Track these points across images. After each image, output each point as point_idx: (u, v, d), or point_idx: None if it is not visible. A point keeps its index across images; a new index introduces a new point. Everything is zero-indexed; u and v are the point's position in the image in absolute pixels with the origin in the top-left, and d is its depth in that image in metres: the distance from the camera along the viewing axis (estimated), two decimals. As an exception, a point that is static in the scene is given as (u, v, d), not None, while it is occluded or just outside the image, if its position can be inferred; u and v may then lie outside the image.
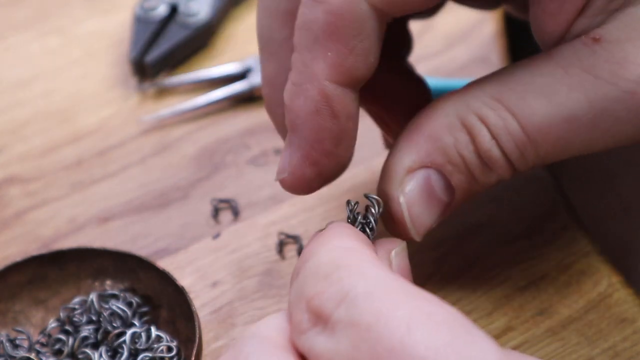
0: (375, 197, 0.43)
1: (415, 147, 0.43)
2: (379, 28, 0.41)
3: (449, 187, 0.43)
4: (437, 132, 0.43)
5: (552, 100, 0.41)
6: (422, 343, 0.33)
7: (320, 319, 0.36)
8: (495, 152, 0.42)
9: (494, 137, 0.42)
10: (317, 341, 0.36)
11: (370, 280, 0.36)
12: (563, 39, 0.42)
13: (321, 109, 0.42)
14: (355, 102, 0.42)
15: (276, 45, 0.45)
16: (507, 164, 0.42)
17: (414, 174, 0.44)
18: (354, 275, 0.36)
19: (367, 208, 0.43)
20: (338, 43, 0.41)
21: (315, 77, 0.41)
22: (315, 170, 0.43)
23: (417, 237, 0.45)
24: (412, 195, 0.44)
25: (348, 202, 0.43)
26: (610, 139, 0.41)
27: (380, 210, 0.43)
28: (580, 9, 0.41)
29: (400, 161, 0.44)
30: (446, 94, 0.43)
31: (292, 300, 0.38)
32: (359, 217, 0.43)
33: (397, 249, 0.42)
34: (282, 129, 0.45)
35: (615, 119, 0.40)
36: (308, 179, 0.44)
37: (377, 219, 0.43)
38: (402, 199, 0.44)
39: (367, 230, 0.43)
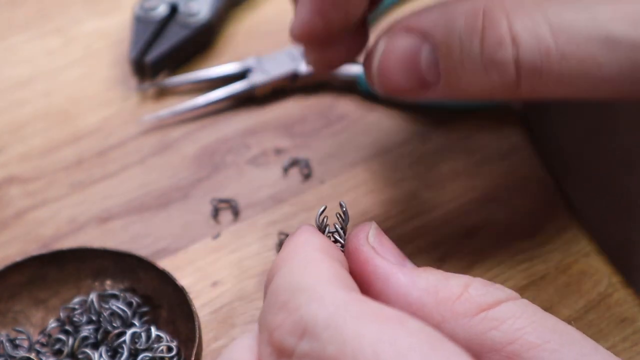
0: (344, 206, 0.42)
1: (426, 13, 0.42)
2: None
3: (435, 67, 0.42)
4: (453, 10, 0.41)
5: (596, 16, 0.38)
6: None
7: (284, 353, 0.35)
8: (507, 51, 0.39)
9: (513, 35, 0.39)
10: None
11: (329, 307, 0.35)
12: None
13: None
14: None
15: None
16: (514, 69, 0.39)
17: (409, 33, 0.42)
18: (312, 301, 0.35)
19: (337, 215, 0.42)
20: None
21: None
22: (323, 22, 0.43)
23: (381, 91, 0.44)
24: (394, 48, 0.43)
25: (322, 211, 0.42)
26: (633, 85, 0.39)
27: (347, 219, 0.42)
28: None
29: (403, 19, 0.43)
30: None
31: (259, 324, 0.37)
32: (328, 228, 0.42)
33: (371, 232, 0.41)
34: None
35: None
36: (317, 30, 0.44)
37: (344, 228, 0.42)
38: (380, 44, 0.43)
39: (338, 237, 0.42)
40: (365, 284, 0.40)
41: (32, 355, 0.49)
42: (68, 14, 0.71)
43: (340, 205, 0.42)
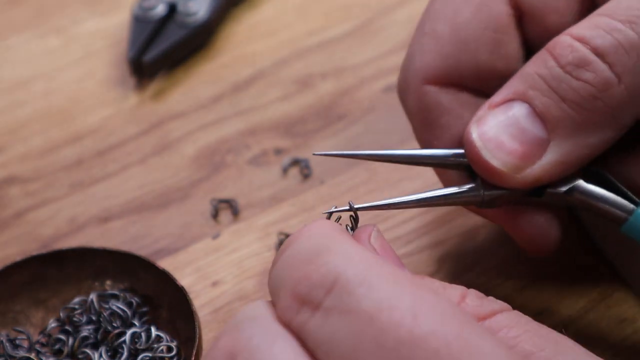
0: (352, 205, 0.42)
1: (501, 89, 0.43)
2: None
3: (534, 116, 0.41)
4: (523, 70, 0.42)
5: None
6: (432, 334, 0.32)
7: (308, 305, 0.34)
8: (581, 49, 0.40)
9: (577, 38, 0.40)
10: (308, 325, 0.34)
11: (359, 265, 0.34)
12: None
13: None
14: None
15: None
16: (598, 57, 0.40)
17: (494, 108, 0.42)
18: (341, 258, 0.34)
19: (350, 217, 0.42)
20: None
21: None
22: None
23: (501, 165, 0.42)
24: (488, 123, 0.42)
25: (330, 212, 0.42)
26: None
27: (356, 218, 0.42)
28: None
29: (484, 104, 0.43)
30: None
31: (272, 290, 0.36)
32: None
33: (373, 234, 0.40)
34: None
35: None
36: None
37: (355, 228, 0.42)
38: (474, 135, 0.42)
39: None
40: None
41: (32, 355, 0.49)
42: (68, 14, 0.71)
43: (350, 206, 0.42)
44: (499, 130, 0.42)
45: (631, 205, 0.43)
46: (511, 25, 0.46)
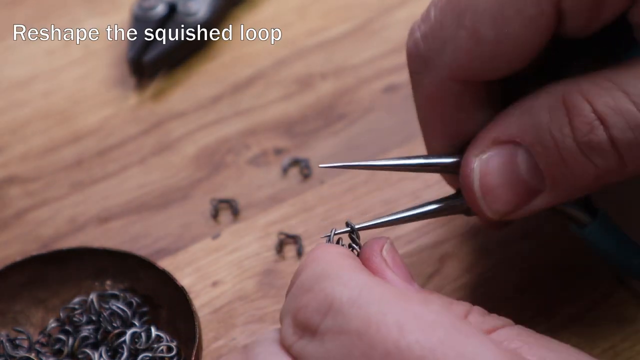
0: (351, 223, 0.43)
1: (508, 120, 0.42)
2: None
3: (536, 170, 0.41)
4: (534, 109, 0.41)
5: None
6: (416, 344, 0.34)
7: (308, 331, 0.37)
8: (600, 134, 0.39)
9: (599, 116, 0.39)
10: (306, 349, 0.36)
11: (353, 288, 0.36)
12: None
13: None
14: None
15: None
16: (613, 149, 0.39)
17: (500, 146, 0.42)
18: (337, 284, 0.37)
19: (349, 236, 0.43)
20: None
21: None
22: None
23: (491, 213, 0.43)
24: (490, 166, 0.42)
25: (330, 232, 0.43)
26: None
27: (356, 236, 0.43)
28: None
29: (488, 131, 0.42)
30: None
31: (280, 316, 0.39)
32: (341, 241, 0.43)
33: (386, 246, 0.42)
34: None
35: None
36: None
37: (359, 243, 0.43)
38: (475, 164, 0.42)
39: (354, 245, 0.43)
40: None
41: (32, 355, 0.49)
42: (68, 14, 0.71)
43: (351, 227, 0.43)
44: (499, 177, 0.42)
45: (588, 218, 0.45)
46: (550, 30, 0.42)
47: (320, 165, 0.45)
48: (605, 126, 0.39)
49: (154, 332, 0.49)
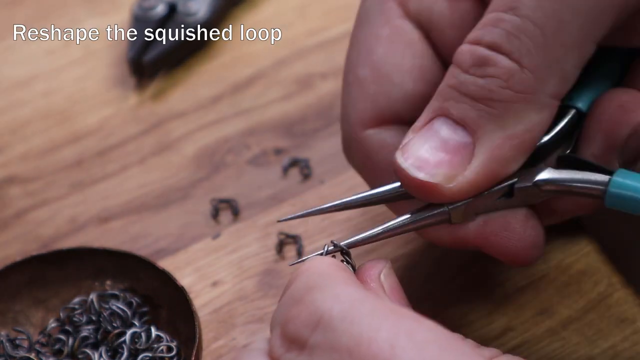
0: (337, 243, 0.42)
1: (422, 113, 0.43)
2: None
3: (455, 124, 0.41)
4: (438, 89, 0.42)
5: None
6: None
7: (296, 344, 0.36)
8: (480, 50, 0.41)
9: (477, 42, 0.41)
10: None
11: (344, 302, 0.36)
12: None
13: None
14: None
15: None
16: (500, 54, 0.40)
17: (418, 132, 0.42)
18: (328, 297, 0.36)
19: (342, 254, 0.43)
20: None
21: None
22: None
23: (443, 180, 0.41)
24: (412, 144, 0.42)
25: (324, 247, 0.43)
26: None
27: (347, 255, 0.42)
28: None
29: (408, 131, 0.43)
30: None
31: (270, 327, 0.38)
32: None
33: (384, 271, 0.41)
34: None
35: None
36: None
37: (353, 265, 0.42)
38: (399, 159, 0.42)
39: (348, 258, 0.42)
40: None
41: (32, 355, 0.49)
42: (68, 14, 0.71)
43: (341, 248, 0.43)
44: (421, 148, 0.42)
45: (606, 177, 0.41)
46: (425, 48, 0.47)
47: (279, 220, 0.45)
48: (479, 43, 0.41)
49: (154, 332, 0.49)
